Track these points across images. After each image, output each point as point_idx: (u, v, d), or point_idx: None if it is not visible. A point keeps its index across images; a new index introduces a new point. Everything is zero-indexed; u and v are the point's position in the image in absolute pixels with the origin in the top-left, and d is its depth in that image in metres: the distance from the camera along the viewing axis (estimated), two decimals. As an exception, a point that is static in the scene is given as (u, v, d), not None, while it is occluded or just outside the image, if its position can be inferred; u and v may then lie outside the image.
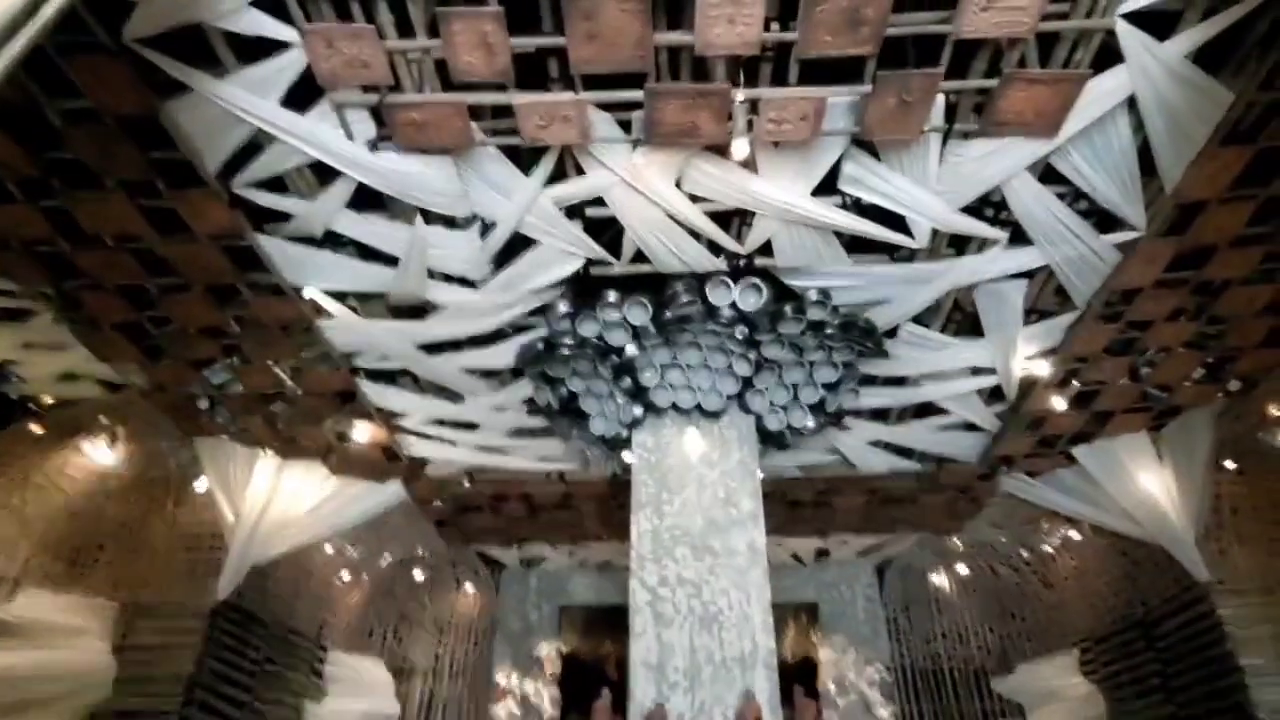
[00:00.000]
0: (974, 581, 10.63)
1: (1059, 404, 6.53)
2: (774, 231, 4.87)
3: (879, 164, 4.43)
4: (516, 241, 4.95)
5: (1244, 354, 5.97)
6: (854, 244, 5.08)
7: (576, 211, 4.81)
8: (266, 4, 3.46)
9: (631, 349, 5.88)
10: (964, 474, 7.94)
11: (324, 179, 4.41)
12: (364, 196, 4.52)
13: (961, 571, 10.62)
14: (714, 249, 5.07)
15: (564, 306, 5.56)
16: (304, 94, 3.86)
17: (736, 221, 4.96)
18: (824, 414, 6.55)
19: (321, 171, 4.35)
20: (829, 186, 4.55)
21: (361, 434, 7.02)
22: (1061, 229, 4.71)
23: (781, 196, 4.52)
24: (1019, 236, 4.87)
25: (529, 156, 4.44)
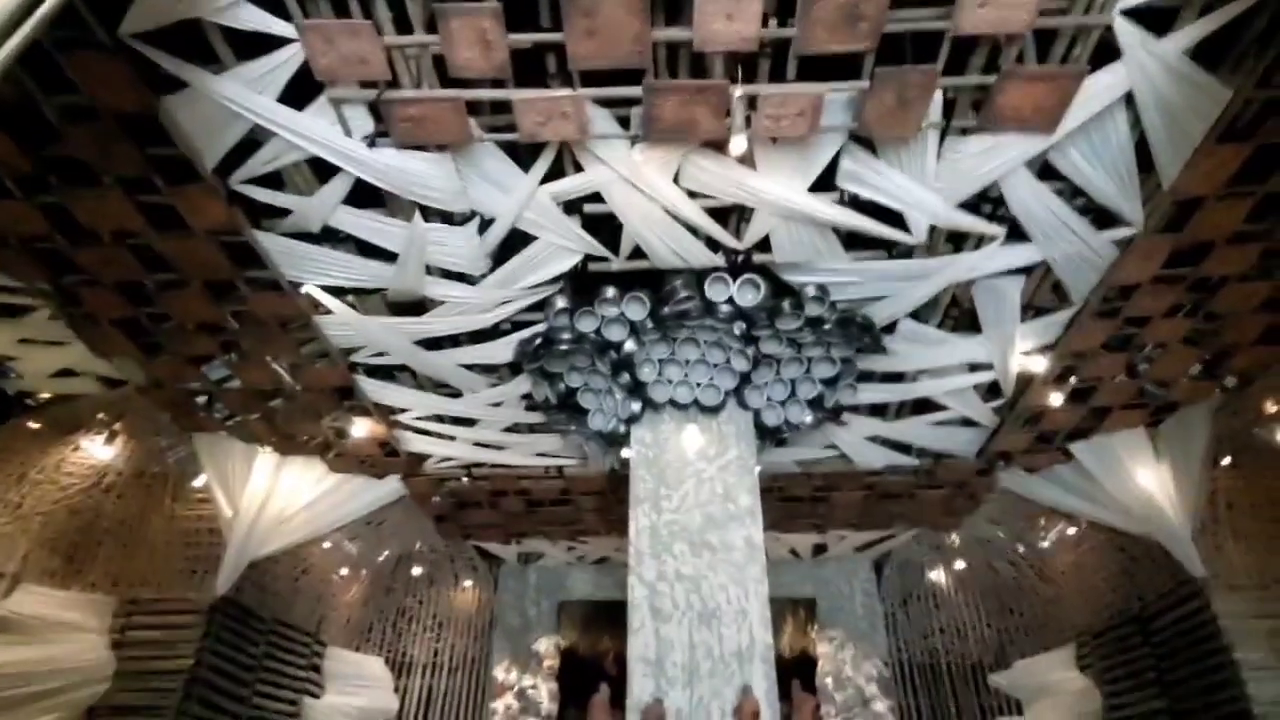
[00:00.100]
0: (971, 577, 10.70)
1: (1056, 400, 6.55)
2: (772, 227, 4.88)
3: (877, 160, 4.44)
4: (515, 237, 4.95)
5: (1241, 350, 5.98)
6: (852, 240, 5.10)
7: (575, 207, 4.81)
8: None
9: (630, 345, 5.90)
10: (962, 470, 7.97)
11: (322, 175, 4.41)
12: (362, 192, 4.52)
13: (959, 567, 10.69)
14: (712, 245, 5.08)
15: (562, 302, 5.57)
16: (302, 90, 3.85)
17: (735, 217, 4.96)
18: (822, 409, 6.57)
19: (319, 167, 4.35)
20: (827, 182, 4.56)
21: (360, 430, 7.01)
22: (1059, 225, 4.72)
23: (779, 192, 4.53)
24: (1016, 233, 4.88)
25: (527, 152, 4.44)
